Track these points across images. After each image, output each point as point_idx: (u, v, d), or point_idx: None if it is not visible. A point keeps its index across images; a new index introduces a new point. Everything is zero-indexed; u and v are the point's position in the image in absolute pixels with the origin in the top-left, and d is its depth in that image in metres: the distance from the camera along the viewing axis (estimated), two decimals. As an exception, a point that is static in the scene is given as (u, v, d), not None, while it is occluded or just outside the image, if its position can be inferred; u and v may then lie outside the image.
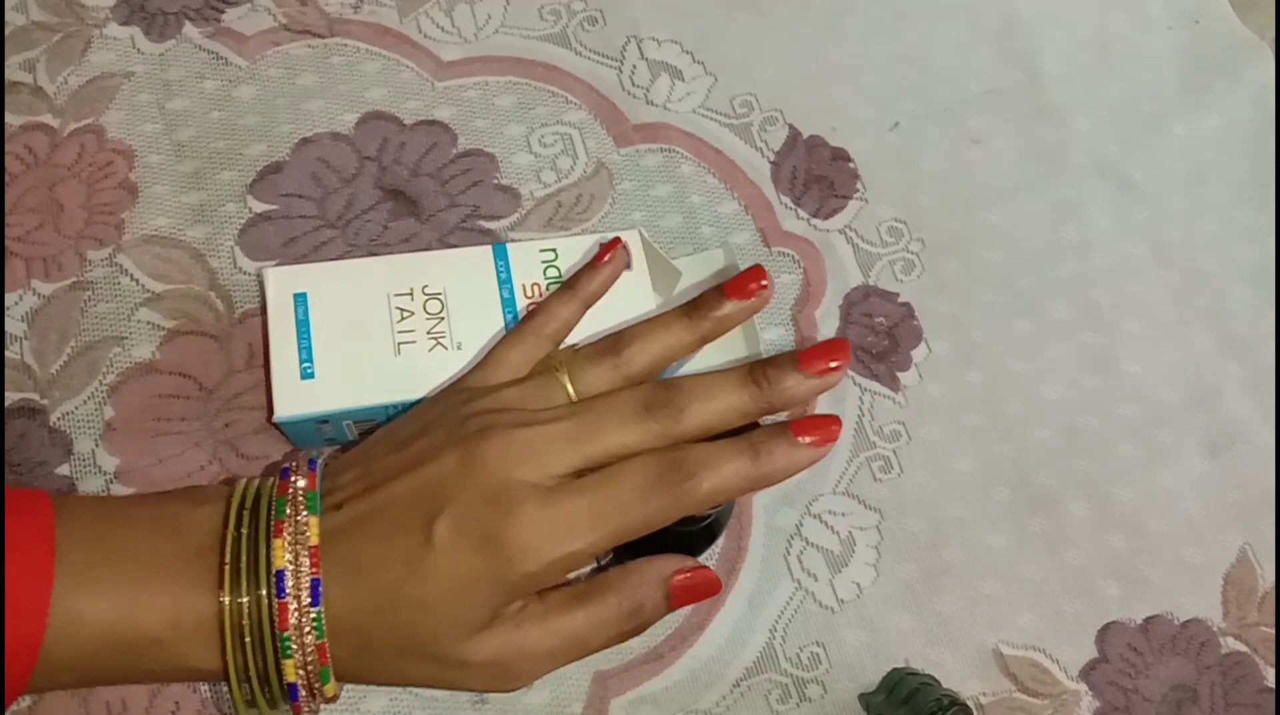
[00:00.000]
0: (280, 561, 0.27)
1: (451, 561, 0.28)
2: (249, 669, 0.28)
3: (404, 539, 0.28)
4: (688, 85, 0.49)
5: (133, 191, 0.42)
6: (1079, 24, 0.54)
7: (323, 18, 0.47)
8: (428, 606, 0.28)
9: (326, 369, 0.36)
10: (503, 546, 0.28)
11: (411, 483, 0.29)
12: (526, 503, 0.28)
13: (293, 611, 0.27)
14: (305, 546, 0.28)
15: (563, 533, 0.28)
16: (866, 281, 0.47)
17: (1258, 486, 0.46)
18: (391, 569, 0.28)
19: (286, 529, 0.28)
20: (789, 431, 0.30)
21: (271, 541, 0.28)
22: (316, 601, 0.28)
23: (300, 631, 0.27)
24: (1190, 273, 0.50)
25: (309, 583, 0.28)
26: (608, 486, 0.29)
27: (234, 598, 0.27)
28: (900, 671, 0.40)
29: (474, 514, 0.28)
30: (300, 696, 0.28)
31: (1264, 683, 0.43)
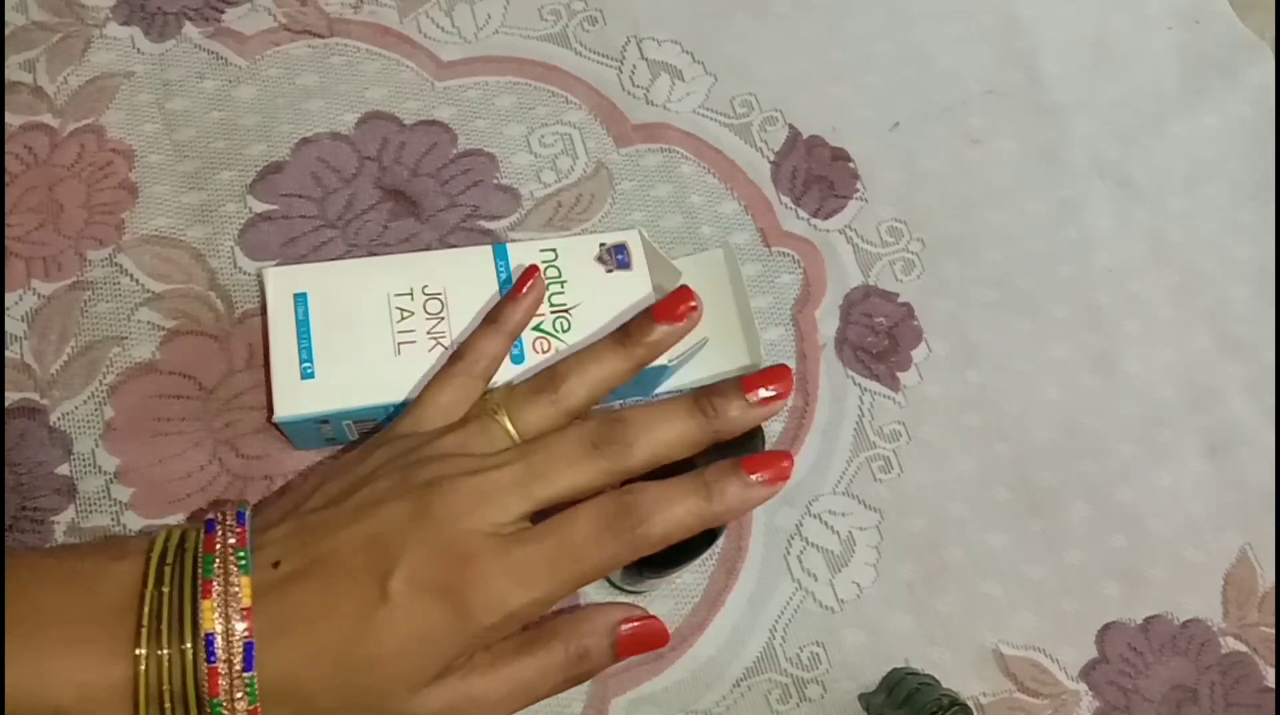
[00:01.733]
0: (209, 624, 0.26)
1: (408, 616, 0.27)
2: None
3: (353, 594, 0.27)
4: (688, 85, 0.49)
5: (133, 191, 0.42)
6: (1079, 24, 0.54)
7: (323, 18, 0.47)
8: (380, 663, 0.27)
9: (326, 369, 0.36)
10: (462, 599, 0.27)
11: (358, 536, 0.28)
12: (483, 554, 0.28)
13: (223, 676, 0.26)
14: (237, 608, 0.26)
15: (521, 583, 0.28)
16: (866, 281, 0.47)
17: (1258, 486, 0.46)
18: (338, 626, 0.27)
19: (215, 589, 0.27)
20: (741, 470, 0.30)
21: (199, 602, 0.26)
22: (249, 666, 0.26)
23: (231, 698, 0.26)
24: (1190, 273, 0.50)
25: (241, 646, 0.26)
26: (562, 534, 0.28)
27: (152, 662, 0.26)
28: (900, 671, 0.40)
29: (430, 567, 0.27)
30: None
31: (1264, 683, 0.43)
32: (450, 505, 0.28)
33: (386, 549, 0.27)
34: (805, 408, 0.44)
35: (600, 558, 0.28)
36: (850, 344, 0.45)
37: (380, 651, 0.27)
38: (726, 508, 0.29)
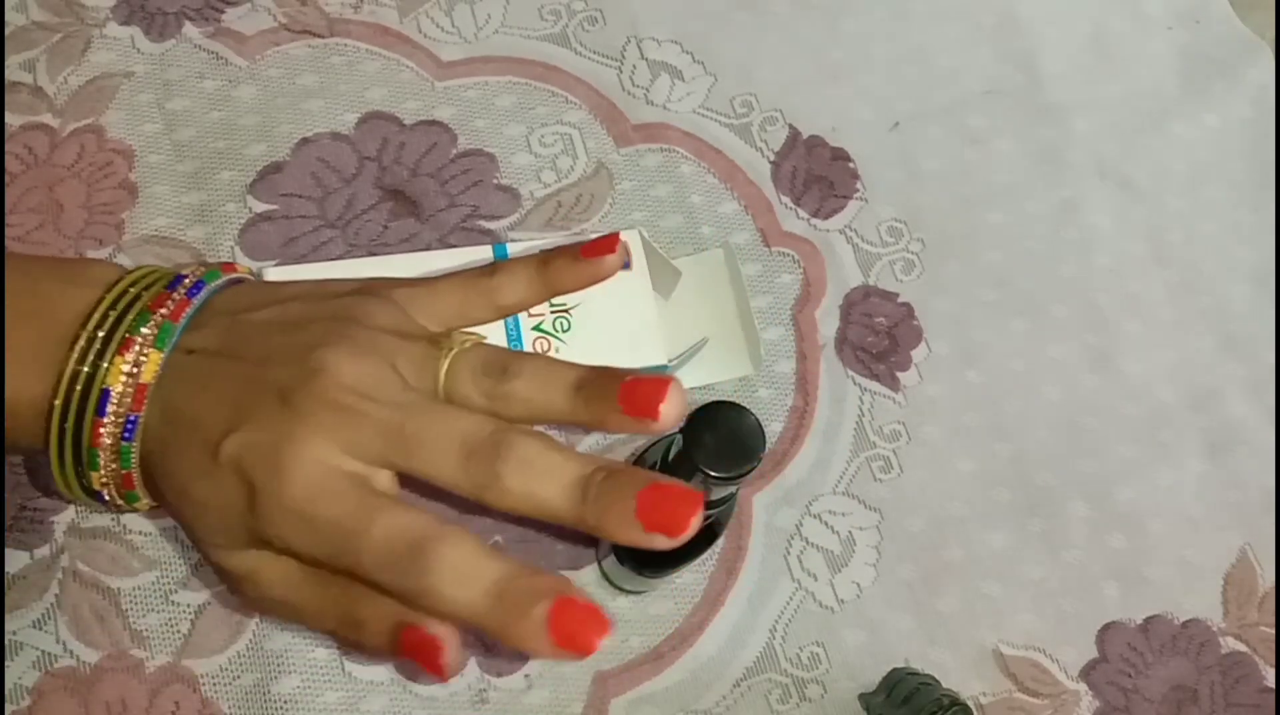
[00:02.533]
0: (111, 381, 0.28)
1: (218, 484, 0.27)
2: (66, 467, 0.28)
3: (202, 437, 0.27)
4: (688, 85, 0.49)
5: (133, 191, 0.42)
6: (1079, 24, 0.54)
7: (323, 18, 0.47)
8: (197, 507, 0.28)
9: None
10: (261, 499, 0.26)
11: (250, 368, 0.28)
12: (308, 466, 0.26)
13: (106, 432, 0.28)
14: (135, 380, 0.28)
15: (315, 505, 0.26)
16: (866, 281, 0.47)
17: (1258, 486, 0.46)
18: (189, 448, 0.27)
19: (132, 348, 0.28)
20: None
21: (113, 358, 0.28)
22: (128, 436, 0.28)
23: (108, 453, 0.28)
24: (1190, 273, 0.50)
25: (126, 417, 0.28)
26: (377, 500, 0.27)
27: (63, 397, 0.28)
28: (900, 671, 0.40)
29: (258, 452, 0.26)
30: (106, 499, 0.29)
31: (1264, 683, 0.43)
32: (320, 401, 0.27)
33: (249, 406, 0.27)
34: (805, 408, 0.44)
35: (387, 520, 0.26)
36: (850, 344, 0.45)
37: (193, 493, 0.28)
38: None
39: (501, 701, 0.38)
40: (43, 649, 0.36)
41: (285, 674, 0.37)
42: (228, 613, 0.38)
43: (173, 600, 0.37)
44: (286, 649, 0.37)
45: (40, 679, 0.36)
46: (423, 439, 0.27)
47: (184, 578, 0.38)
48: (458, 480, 0.27)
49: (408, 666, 0.29)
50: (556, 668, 0.39)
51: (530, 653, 0.25)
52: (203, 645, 0.37)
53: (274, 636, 0.37)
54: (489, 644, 0.38)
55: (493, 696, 0.38)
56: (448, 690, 0.38)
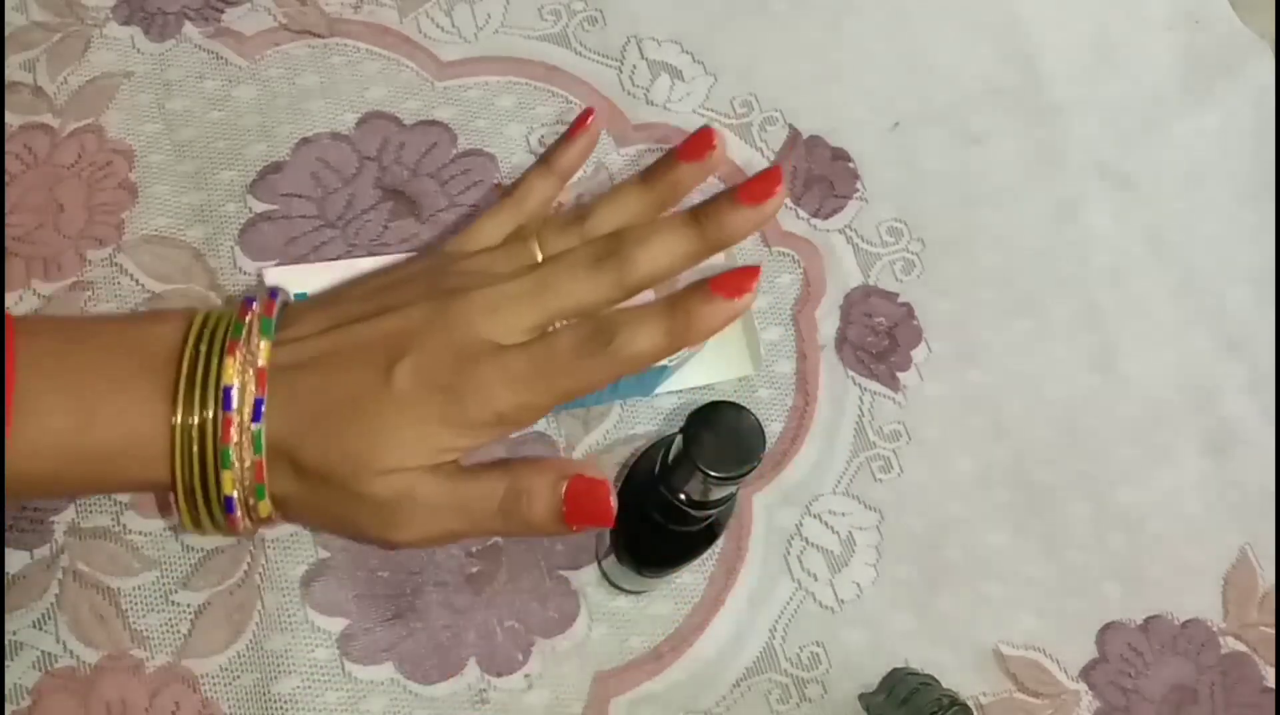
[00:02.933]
0: (229, 378, 0.28)
1: (406, 405, 0.29)
2: (193, 482, 0.29)
3: (362, 378, 0.29)
4: (688, 85, 0.49)
5: (133, 191, 0.42)
6: (1079, 24, 0.54)
7: (323, 18, 0.47)
8: (366, 441, 0.29)
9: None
10: (458, 396, 0.29)
11: (377, 328, 0.30)
12: (483, 358, 0.29)
13: (235, 426, 0.28)
14: (254, 367, 0.29)
15: (510, 386, 0.29)
16: (866, 281, 0.47)
17: (1258, 486, 0.46)
18: (338, 399, 0.29)
19: (239, 348, 0.29)
20: (707, 287, 0.30)
21: (224, 359, 0.29)
22: (257, 418, 0.29)
23: (240, 447, 0.29)
24: (1190, 273, 0.50)
25: (253, 401, 0.29)
26: (548, 345, 0.30)
27: (186, 412, 0.28)
28: (900, 671, 0.40)
29: (436, 365, 0.29)
30: (235, 509, 0.29)
31: (1264, 683, 0.43)
32: (464, 312, 0.30)
33: (400, 343, 0.30)
34: (805, 408, 0.44)
35: (581, 371, 0.29)
36: (850, 344, 0.45)
37: (371, 431, 0.29)
38: (690, 325, 0.30)
39: (501, 701, 0.38)
40: (43, 649, 0.36)
41: (285, 674, 0.37)
42: (228, 613, 0.38)
43: (173, 600, 0.37)
44: (286, 649, 0.37)
45: (40, 679, 0.36)
46: (558, 277, 0.31)
47: (184, 578, 0.38)
48: (601, 286, 0.31)
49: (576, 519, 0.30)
50: (556, 668, 0.39)
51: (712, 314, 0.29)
52: (203, 645, 0.37)
53: (274, 636, 0.37)
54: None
55: (493, 696, 0.38)
56: (448, 690, 0.38)
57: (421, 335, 0.30)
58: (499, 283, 0.31)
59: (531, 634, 0.39)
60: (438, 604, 0.39)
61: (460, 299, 0.30)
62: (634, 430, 0.42)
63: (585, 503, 0.29)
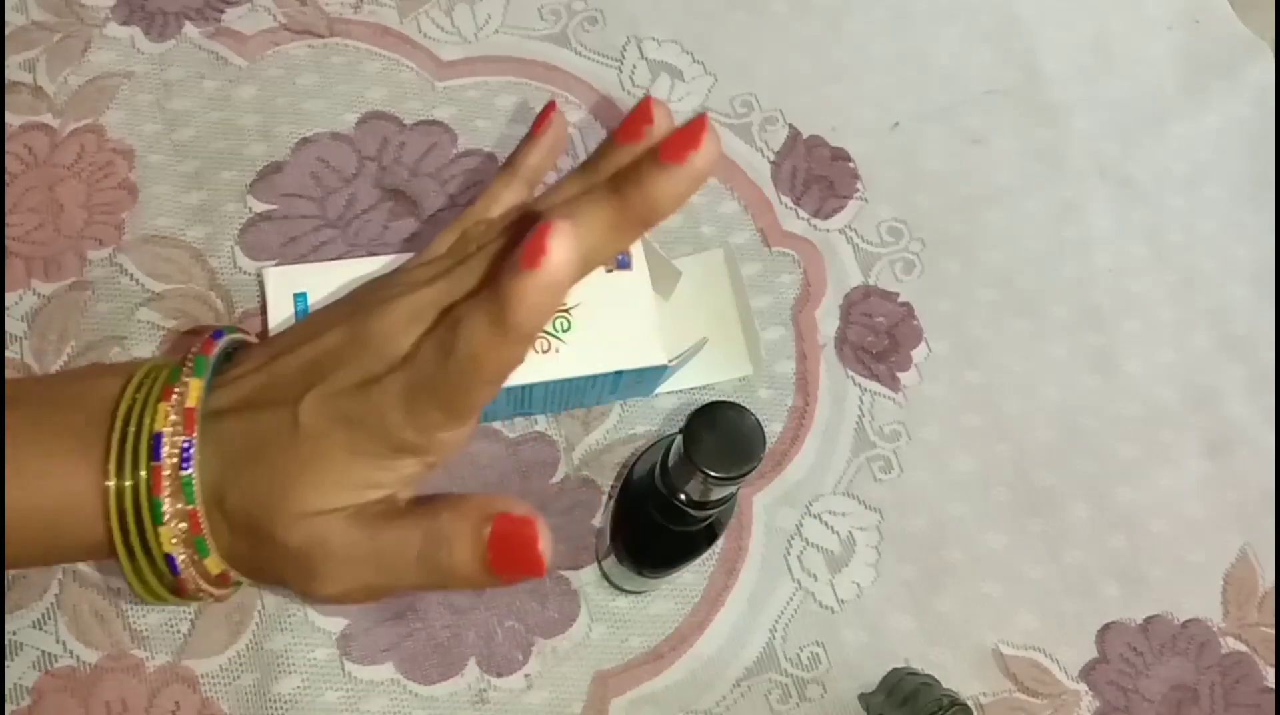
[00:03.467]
0: (160, 424, 0.26)
1: (312, 436, 0.26)
2: (132, 542, 0.27)
3: (275, 413, 0.27)
4: (688, 85, 0.49)
5: (133, 191, 0.42)
6: (1079, 24, 0.54)
7: (323, 18, 0.47)
8: (273, 478, 0.27)
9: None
10: (357, 423, 0.26)
11: (299, 359, 0.28)
12: (387, 377, 0.26)
13: (166, 476, 0.26)
14: (180, 408, 0.27)
15: (400, 406, 0.25)
16: (866, 281, 0.47)
17: (1258, 486, 0.46)
18: (257, 439, 0.27)
19: (174, 392, 0.27)
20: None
21: (157, 406, 0.27)
22: (185, 465, 0.26)
23: (171, 496, 0.26)
24: (1190, 273, 0.50)
25: (181, 448, 0.26)
26: (422, 355, 0.26)
27: (118, 467, 0.26)
28: (900, 671, 0.40)
29: (341, 392, 0.26)
30: (180, 569, 0.27)
31: (1264, 683, 0.43)
32: (376, 330, 0.27)
33: (314, 374, 0.27)
34: (805, 408, 0.44)
35: (453, 374, 0.25)
36: (850, 344, 0.45)
37: (282, 472, 0.27)
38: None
39: (501, 701, 0.38)
40: (43, 649, 0.36)
41: (285, 674, 0.37)
42: (228, 613, 0.38)
43: (173, 600, 0.37)
44: (286, 649, 0.37)
45: (40, 679, 0.36)
46: (464, 281, 0.27)
47: (184, 578, 0.38)
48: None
49: (503, 567, 0.25)
50: (556, 668, 0.39)
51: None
52: (203, 645, 0.37)
53: (274, 636, 0.37)
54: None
55: (493, 696, 0.38)
56: (448, 690, 0.38)
57: (334, 362, 0.27)
58: (415, 288, 0.27)
59: (531, 634, 0.39)
60: (438, 604, 0.39)
61: (374, 316, 0.27)
62: (634, 430, 0.42)
63: (513, 547, 0.25)
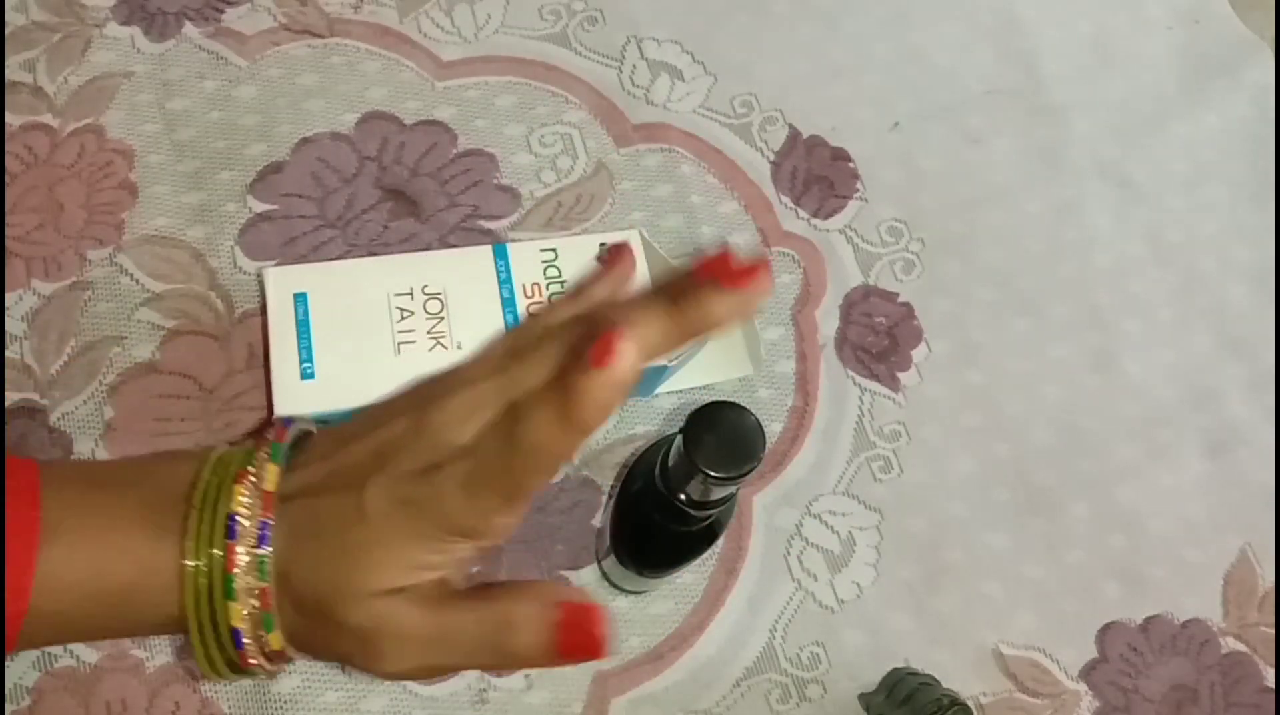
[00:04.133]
0: (235, 506, 0.28)
1: (376, 520, 0.28)
2: (201, 617, 0.28)
3: (342, 497, 0.28)
4: (688, 85, 0.49)
5: (133, 191, 0.42)
6: (1079, 24, 0.54)
7: (323, 18, 0.47)
8: (337, 558, 0.28)
9: (326, 369, 0.36)
10: (419, 508, 0.27)
11: (365, 446, 0.29)
12: (445, 466, 0.27)
13: (240, 553, 0.28)
14: (258, 492, 0.28)
15: (460, 492, 0.27)
16: (866, 281, 0.47)
17: (1258, 486, 0.46)
18: (323, 522, 0.29)
19: (248, 477, 0.29)
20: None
21: (233, 487, 0.28)
22: (263, 543, 0.28)
23: (245, 573, 0.28)
24: (1190, 273, 0.50)
25: (258, 526, 0.28)
26: (487, 442, 0.27)
27: (194, 544, 0.28)
28: (900, 671, 0.40)
29: (404, 478, 0.28)
30: (244, 644, 0.28)
31: (1264, 683, 0.43)
32: (436, 420, 0.28)
33: (379, 461, 0.29)
34: (805, 408, 0.44)
35: (517, 462, 0.26)
36: (850, 344, 0.45)
37: (347, 554, 0.28)
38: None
39: (501, 701, 0.38)
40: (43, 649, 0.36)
41: (285, 674, 0.37)
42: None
43: (173, 600, 0.37)
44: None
45: (40, 679, 0.36)
46: (522, 376, 0.28)
47: (184, 578, 0.38)
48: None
49: (568, 652, 0.27)
50: (556, 668, 0.39)
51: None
52: (203, 645, 0.37)
53: (274, 636, 0.37)
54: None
55: (493, 696, 0.38)
56: (448, 690, 0.38)
57: (396, 450, 0.28)
58: (477, 386, 0.28)
59: (531, 634, 0.39)
60: (438, 604, 0.39)
61: (436, 406, 0.28)
62: (634, 430, 0.42)
63: (578, 635, 0.27)
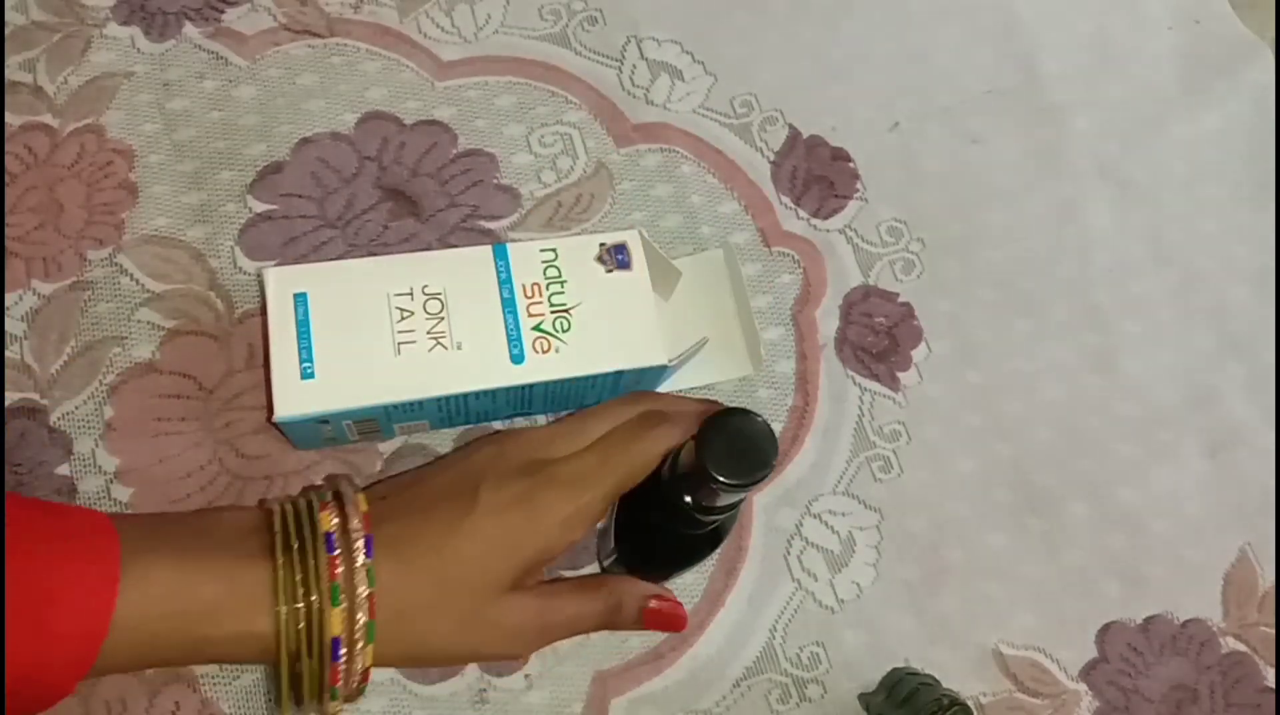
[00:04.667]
0: (327, 525, 0.30)
1: (494, 519, 0.32)
2: (296, 630, 0.29)
3: (448, 507, 0.32)
4: (688, 85, 0.49)
5: (133, 191, 0.42)
6: (1079, 24, 0.54)
7: (323, 18, 0.47)
8: (467, 561, 0.32)
9: (326, 369, 0.36)
10: (534, 501, 0.33)
11: (452, 472, 0.34)
12: (549, 469, 0.34)
13: (340, 563, 0.30)
14: (356, 512, 0.31)
15: (569, 487, 0.33)
16: (866, 281, 0.47)
17: (1258, 486, 0.46)
18: (435, 535, 0.32)
19: (331, 506, 0.31)
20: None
21: (318, 514, 0.31)
22: (369, 553, 0.30)
23: (350, 582, 0.30)
24: (1190, 273, 0.50)
25: (361, 540, 0.31)
26: (605, 445, 0.35)
27: (287, 559, 0.30)
28: (900, 671, 0.40)
29: (510, 480, 0.33)
30: (340, 655, 0.30)
31: (1264, 683, 0.43)
32: (520, 442, 0.35)
33: (475, 475, 0.34)
34: (805, 408, 0.44)
35: (634, 451, 0.34)
36: (850, 344, 0.45)
37: (468, 551, 0.32)
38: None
39: (501, 701, 0.38)
40: (43, 649, 0.36)
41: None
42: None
43: (173, 600, 0.37)
44: (286, 649, 0.37)
45: (40, 679, 0.36)
46: (595, 420, 0.37)
47: (184, 578, 0.38)
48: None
49: (655, 625, 0.37)
50: (556, 668, 0.39)
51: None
52: (203, 645, 0.37)
53: (274, 636, 0.37)
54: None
55: (493, 696, 0.38)
56: (448, 690, 0.38)
57: (492, 463, 0.34)
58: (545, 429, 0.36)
59: (531, 634, 0.39)
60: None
61: (513, 436, 0.36)
62: (634, 430, 0.42)
63: (665, 618, 0.37)
